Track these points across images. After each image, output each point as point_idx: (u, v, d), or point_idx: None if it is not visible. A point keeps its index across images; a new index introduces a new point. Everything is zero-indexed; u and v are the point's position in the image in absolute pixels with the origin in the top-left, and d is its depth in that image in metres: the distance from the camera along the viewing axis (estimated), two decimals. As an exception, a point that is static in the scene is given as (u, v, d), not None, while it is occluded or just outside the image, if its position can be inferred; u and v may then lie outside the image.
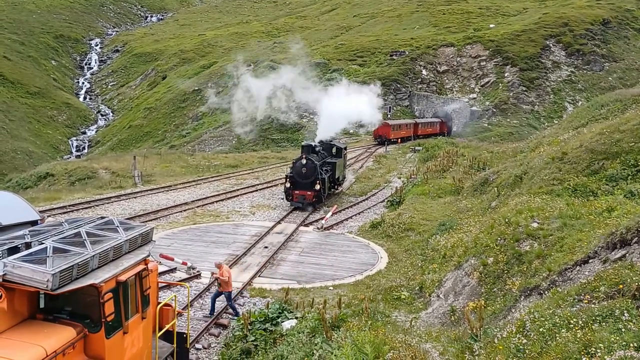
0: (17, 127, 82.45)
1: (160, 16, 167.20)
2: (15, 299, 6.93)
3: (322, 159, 30.13)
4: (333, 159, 31.46)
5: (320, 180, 27.96)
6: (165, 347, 9.50)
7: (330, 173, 30.35)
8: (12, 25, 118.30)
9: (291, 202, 28.22)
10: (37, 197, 29.43)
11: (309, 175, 27.82)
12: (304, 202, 27.83)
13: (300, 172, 27.89)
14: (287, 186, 28.17)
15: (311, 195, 27.72)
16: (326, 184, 29.26)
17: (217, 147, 68.79)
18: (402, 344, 8.38)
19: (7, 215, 11.88)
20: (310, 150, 29.37)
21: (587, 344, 6.35)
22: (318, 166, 28.28)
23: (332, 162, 31.01)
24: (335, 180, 31.84)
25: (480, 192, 24.04)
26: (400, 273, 17.72)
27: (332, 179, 31.07)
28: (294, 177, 28.05)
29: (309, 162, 28.04)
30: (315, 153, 29.84)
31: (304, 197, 27.79)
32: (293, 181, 28.04)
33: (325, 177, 29.05)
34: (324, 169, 29.31)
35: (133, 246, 8.44)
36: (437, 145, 52.95)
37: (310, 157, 28.35)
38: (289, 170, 28.88)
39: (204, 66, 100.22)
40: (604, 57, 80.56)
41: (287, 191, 28.23)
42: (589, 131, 19.80)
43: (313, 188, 27.75)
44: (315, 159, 28.89)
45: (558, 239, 11.57)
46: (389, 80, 79.38)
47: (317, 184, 27.72)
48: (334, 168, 30.81)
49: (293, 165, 28.83)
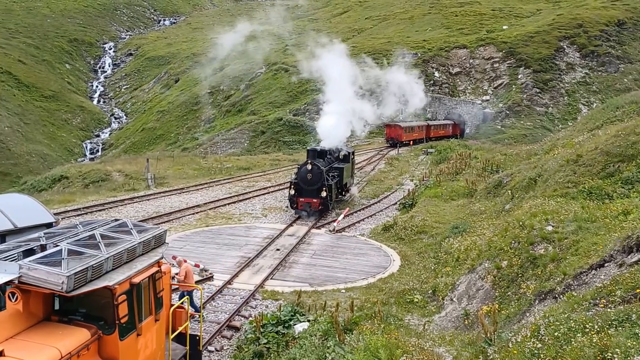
0: (32, 130, 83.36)
1: (173, 20, 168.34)
2: (30, 300, 6.99)
3: (328, 163, 28.54)
4: (340, 164, 29.78)
5: (327, 186, 26.43)
6: (178, 349, 9.53)
7: (338, 179, 28.72)
8: (27, 30, 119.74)
9: (296, 210, 26.69)
10: (51, 200, 29.75)
11: (315, 181, 26.31)
12: (309, 210, 26.24)
13: (306, 178, 26.35)
14: (292, 193, 26.56)
15: (317, 202, 26.19)
16: (333, 190, 27.73)
17: (229, 150, 69.06)
18: (416, 348, 8.34)
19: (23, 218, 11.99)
20: (316, 155, 28.23)
21: (603, 349, 6.27)
22: (324, 172, 26.69)
23: (339, 167, 29.37)
24: (343, 187, 30.29)
25: (494, 195, 23.88)
26: (413, 276, 17.64)
27: (340, 185, 29.50)
28: (298, 183, 26.48)
29: (315, 167, 26.47)
30: (322, 157, 28.43)
31: (309, 204, 26.19)
32: (298, 188, 26.46)
33: (332, 183, 27.47)
34: (330, 175, 27.80)
35: (146, 248, 8.48)
36: (450, 148, 52.71)
37: (316, 162, 26.84)
38: (294, 176, 27.32)
39: (216, 69, 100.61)
40: (619, 59, 79.75)
41: (292, 198, 26.63)
42: (604, 133, 19.60)
43: (319, 195, 26.22)
44: (322, 164, 27.34)
45: (573, 242, 11.45)
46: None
47: (323, 191, 26.18)
48: (341, 173, 29.17)
49: (298, 170, 27.19)
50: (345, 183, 30.18)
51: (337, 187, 29.05)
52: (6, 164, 69.58)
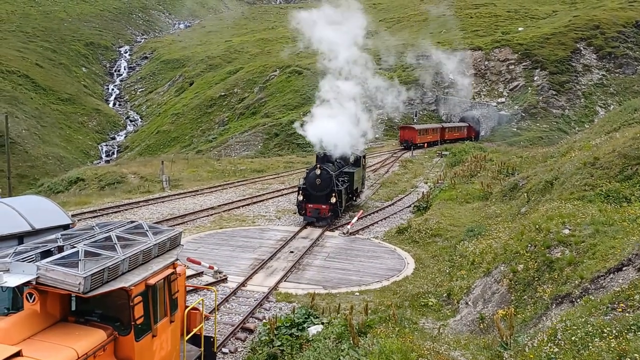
0: (48, 133, 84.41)
1: (188, 23, 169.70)
2: (48, 301, 7.06)
3: (338, 168, 27.65)
4: (351, 169, 28.75)
5: (337, 192, 25.32)
6: (192, 350, 9.56)
7: (348, 184, 27.61)
8: (44, 34, 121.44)
9: (304, 216, 25.51)
10: (68, 202, 30.07)
11: (324, 187, 25.17)
12: (318, 216, 25.14)
13: (314, 184, 25.24)
14: (300, 199, 25.47)
15: (326, 209, 25.04)
16: (343, 196, 26.51)
17: (242, 152, 69.33)
18: (430, 352, 8.29)
19: (40, 219, 12.10)
20: (325, 159, 27.31)
21: (622, 353, 6.19)
22: (334, 177, 25.68)
23: (349, 172, 28.27)
24: (354, 192, 29.27)
25: (510, 198, 23.69)
26: (428, 279, 17.54)
27: (350, 190, 28.35)
28: (307, 189, 25.37)
29: (324, 172, 25.36)
30: (332, 162, 27.53)
31: (318, 211, 25.07)
32: (306, 194, 25.35)
33: (342, 188, 26.35)
34: (340, 180, 26.74)
35: (162, 250, 8.52)
36: (465, 150, 52.41)
37: (325, 167, 25.82)
38: (302, 181, 26.19)
39: (230, 72, 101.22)
40: (636, 60, 78.86)
41: (300, 204, 25.52)
42: (621, 136, 19.36)
43: (328, 201, 25.07)
44: (331, 168, 26.36)
45: (590, 245, 11.31)
46: (416, 85, 79.09)
47: (332, 197, 25.08)
48: (351, 178, 28.14)
49: (306, 175, 25.96)
50: (355, 188, 29.35)
51: (348, 193, 28.00)
52: (23, 166, 70.48)
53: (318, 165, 25.92)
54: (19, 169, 68.32)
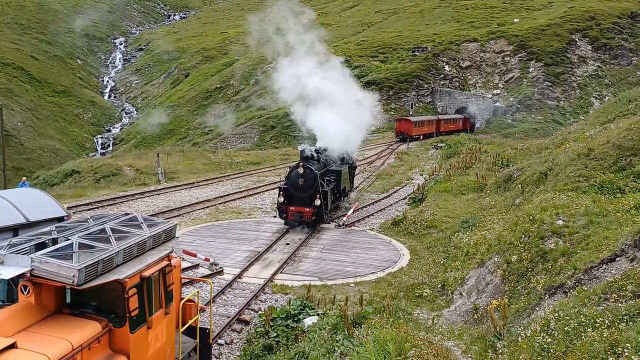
0: (44, 125, 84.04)
1: (183, 14, 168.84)
2: (42, 293, 7.07)
3: (324, 166, 24.81)
4: (338, 167, 26.16)
5: (322, 193, 22.65)
6: (188, 342, 9.60)
7: (335, 184, 24.92)
8: (39, 25, 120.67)
9: (285, 220, 22.95)
10: (63, 194, 30.02)
11: (308, 187, 22.59)
12: (300, 220, 22.62)
13: (297, 184, 22.66)
14: (281, 201, 22.78)
15: (310, 212, 22.38)
16: (329, 197, 23.58)
17: (238, 145, 69.23)
18: (424, 342, 8.33)
19: (35, 212, 12.10)
20: (310, 157, 24.40)
21: (614, 343, 6.24)
22: (319, 176, 22.92)
23: (336, 171, 25.68)
24: (341, 192, 26.75)
25: (504, 189, 23.76)
26: (423, 270, 17.62)
27: (337, 190, 25.77)
28: (288, 189, 22.84)
29: (308, 171, 22.73)
30: (317, 160, 24.51)
31: (301, 214, 22.45)
32: (288, 195, 22.75)
33: (328, 189, 23.46)
34: (326, 179, 24.12)
35: (157, 242, 8.54)
36: (460, 142, 52.42)
37: (309, 165, 23.09)
38: (283, 181, 23.85)
39: (226, 64, 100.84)
40: (631, 51, 78.93)
41: (280, 207, 22.87)
42: (616, 127, 19.39)
43: (312, 203, 22.45)
44: (316, 167, 23.58)
45: (584, 236, 11.37)
46: (411, 77, 78.97)
47: (317, 199, 22.40)
48: (339, 177, 25.47)
49: (288, 174, 23.47)
50: (343, 188, 26.90)
51: (334, 193, 25.25)
52: (19, 158, 70.22)
53: (301, 163, 23.26)
54: (14, 162, 67.99)
